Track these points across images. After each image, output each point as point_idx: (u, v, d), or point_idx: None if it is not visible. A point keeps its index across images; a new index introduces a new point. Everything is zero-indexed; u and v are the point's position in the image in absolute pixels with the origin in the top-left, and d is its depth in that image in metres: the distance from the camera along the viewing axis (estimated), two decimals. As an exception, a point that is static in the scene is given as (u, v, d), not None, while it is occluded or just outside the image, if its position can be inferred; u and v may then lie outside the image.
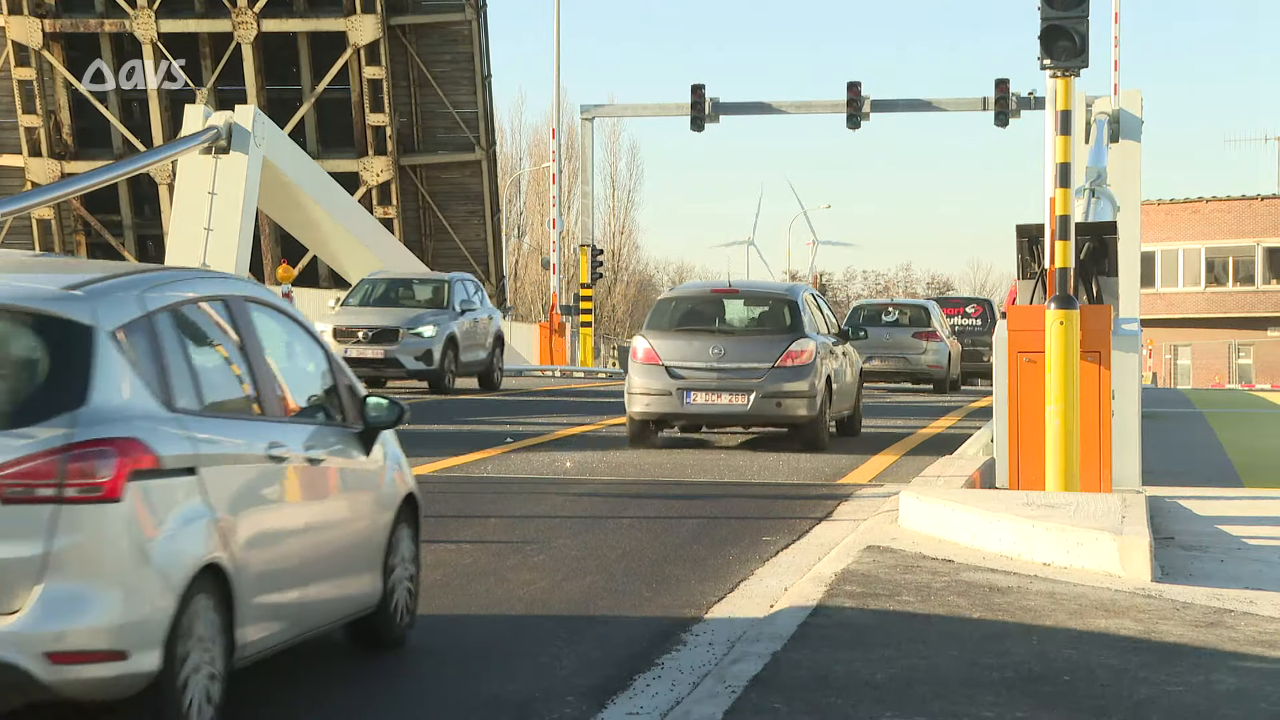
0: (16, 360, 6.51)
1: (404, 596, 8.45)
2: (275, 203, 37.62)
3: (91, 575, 6.16)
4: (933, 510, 11.79)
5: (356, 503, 8.08)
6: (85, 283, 6.76)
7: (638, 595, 9.88)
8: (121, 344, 6.56)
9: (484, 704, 7.32)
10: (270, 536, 7.14)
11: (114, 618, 6.16)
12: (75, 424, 6.25)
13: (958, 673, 7.51)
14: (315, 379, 8.10)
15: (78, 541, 6.14)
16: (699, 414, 19.06)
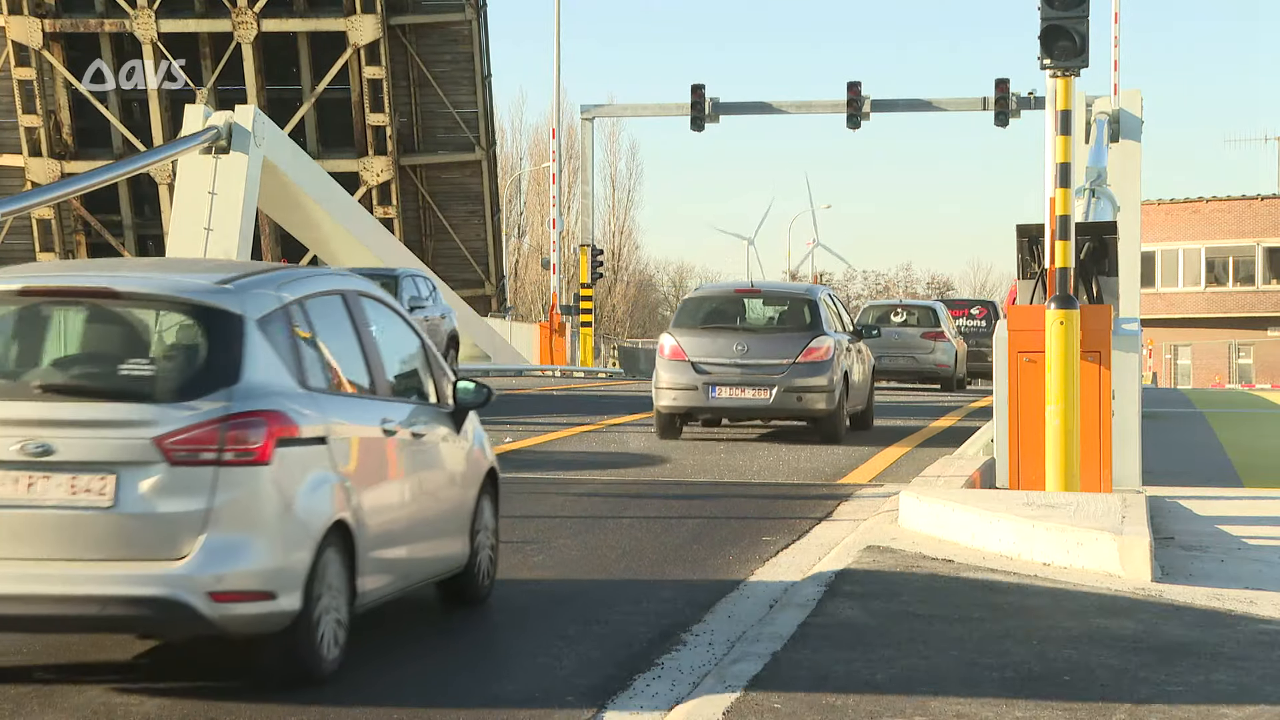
0: (180, 344, 7.74)
1: (486, 559, 9.57)
2: (275, 203, 37.62)
3: (246, 527, 7.32)
4: (933, 510, 11.79)
5: (450, 473, 9.16)
6: (233, 278, 7.96)
7: (637, 594, 9.87)
8: (265, 331, 7.72)
9: (482, 703, 7.32)
10: (383, 499, 8.28)
11: (265, 563, 7.31)
12: (231, 398, 7.42)
13: (958, 673, 7.51)
14: (414, 364, 9.18)
15: (234, 498, 7.30)
16: (724, 407, 20.11)
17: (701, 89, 43.12)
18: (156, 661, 8.00)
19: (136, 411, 7.40)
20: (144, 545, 7.25)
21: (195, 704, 7.16)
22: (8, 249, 46.98)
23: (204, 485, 7.28)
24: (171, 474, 7.28)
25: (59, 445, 7.31)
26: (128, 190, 46.93)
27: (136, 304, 7.81)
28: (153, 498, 7.27)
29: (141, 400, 7.43)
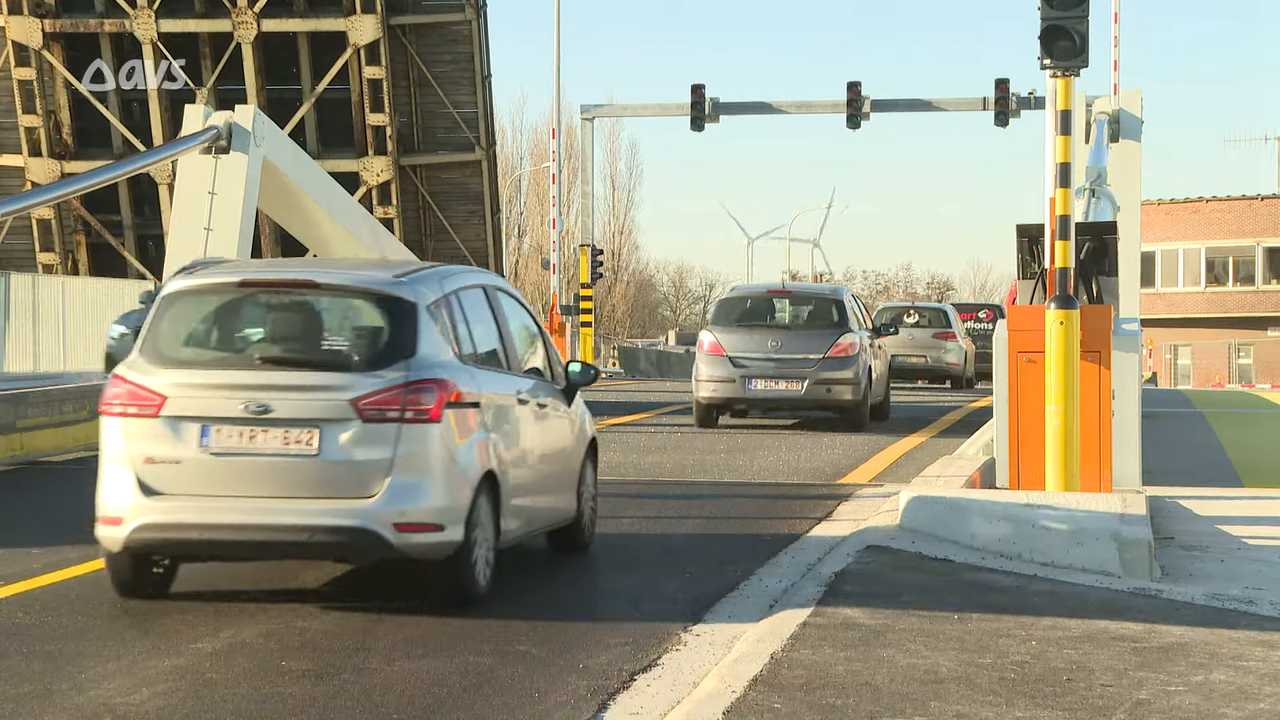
0: (368, 325, 9.62)
1: (589, 514, 11.55)
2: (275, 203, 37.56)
3: (422, 472, 9.18)
4: (933, 510, 11.79)
5: (564, 439, 11.10)
6: (406, 273, 9.90)
7: (637, 595, 9.88)
8: (432, 315, 9.61)
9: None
10: (519, 457, 10.16)
11: (436, 502, 9.19)
12: (410, 369, 9.28)
13: (958, 673, 7.51)
14: (535, 346, 11.12)
15: (413, 449, 9.15)
16: (759, 398, 22.11)
17: (701, 89, 43.06)
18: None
19: (336, 379, 9.29)
20: (342, 486, 9.15)
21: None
22: (8, 249, 46.96)
23: (389, 438, 9.17)
24: (364, 429, 9.17)
25: (275, 405, 9.21)
26: (128, 190, 46.91)
27: (333, 293, 9.77)
28: (349, 447, 9.16)
29: (339, 369, 9.36)
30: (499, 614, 9.14)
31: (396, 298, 9.67)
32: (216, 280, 9.89)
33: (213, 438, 9.23)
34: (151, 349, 9.60)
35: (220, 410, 9.25)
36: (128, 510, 9.33)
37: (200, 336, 9.82)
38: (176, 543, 9.35)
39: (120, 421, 9.44)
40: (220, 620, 8.95)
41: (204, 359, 9.65)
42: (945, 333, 36.24)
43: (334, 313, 9.84)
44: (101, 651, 8.19)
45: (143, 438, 9.33)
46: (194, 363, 9.58)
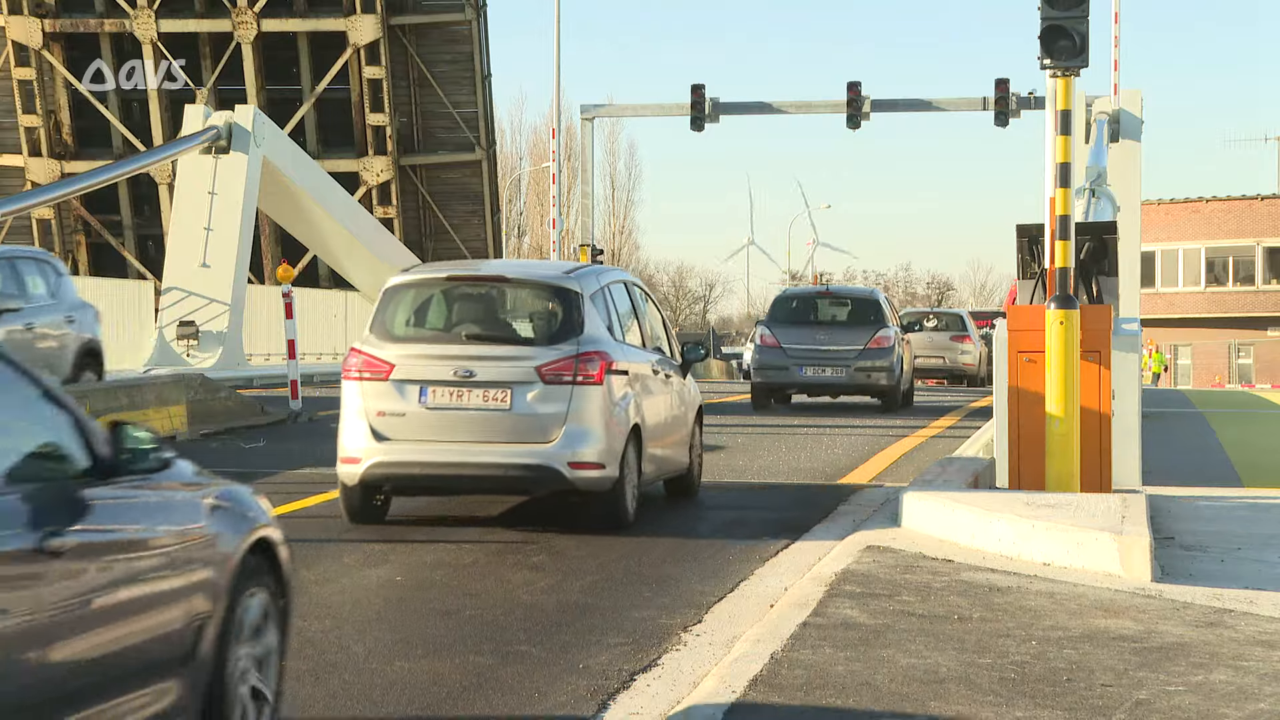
0: (547, 310, 12.53)
1: (697, 467, 14.57)
2: (275, 203, 37.62)
3: (589, 423, 11.99)
4: (933, 510, 11.79)
5: (683, 404, 14.08)
6: (572, 270, 13.01)
7: (637, 595, 9.88)
8: (593, 302, 12.54)
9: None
10: (654, 415, 13.01)
11: (600, 447, 12.01)
12: (579, 344, 12.16)
13: (958, 673, 7.51)
14: (660, 329, 14.27)
15: (582, 405, 11.96)
16: (809, 383, 26.23)
17: (701, 89, 43.05)
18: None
19: (523, 351, 12.20)
20: (528, 433, 11.94)
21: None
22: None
23: (564, 397, 11.97)
24: (545, 389, 11.99)
25: (477, 371, 11.99)
26: (128, 190, 46.91)
27: (519, 286, 12.89)
28: (533, 404, 11.97)
29: (525, 344, 12.31)
30: (500, 613, 9.15)
31: (567, 289, 12.60)
32: (429, 276, 13.04)
33: (429, 396, 11.95)
34: (380, 328, 12.41)
35: (435, 375, 12.01)
36: (363, 452, 11.91)
37: (418, 319, 12.73)
38: (401, 477, 12.04)
39: (358, 384, 12.03)
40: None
41: (422, 335, 12.51)
42: (961, 336, 39.45)
43: (520, 300, 12.94)
44: (101, 651, 8.17)
45: (375, 396, 11.95)
46: (414, 339, 12.42)
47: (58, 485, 5.32)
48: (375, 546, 11.46)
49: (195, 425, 20.17)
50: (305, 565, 10.61)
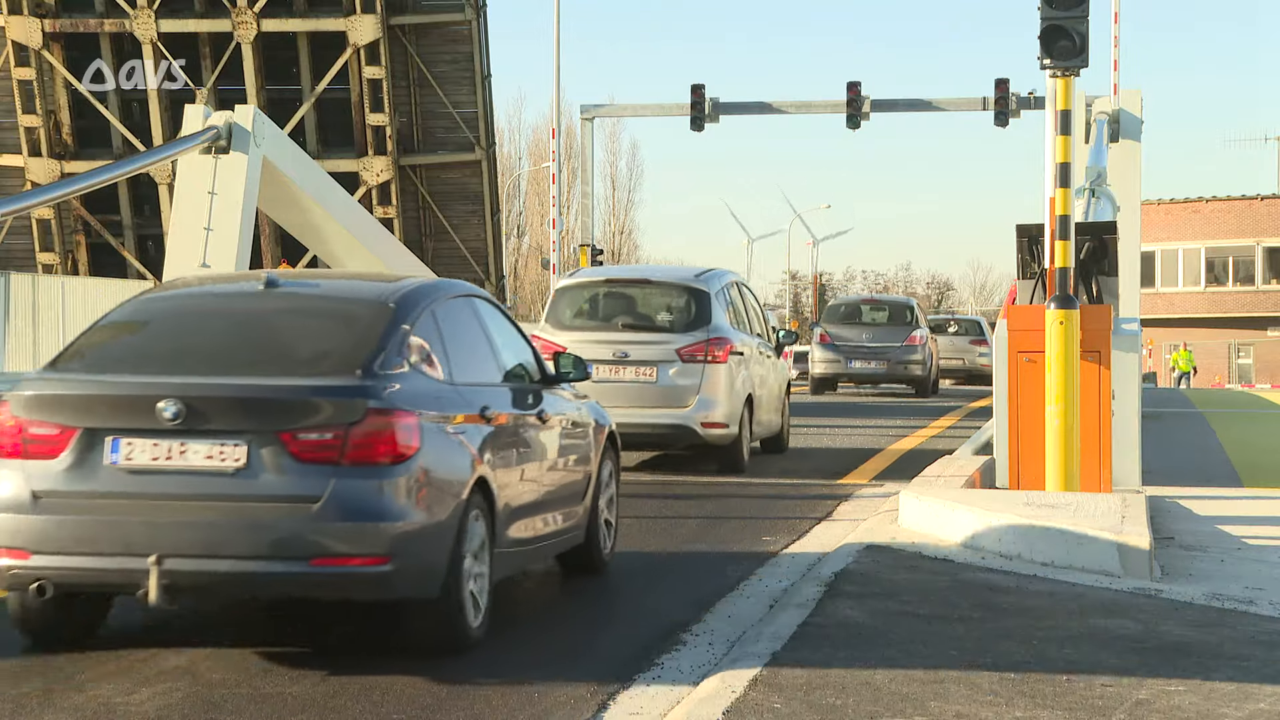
0: (683, 305, 16.43)
1: (786, 430, 19.07)
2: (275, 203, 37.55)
3: (716, 393, 16.06)
4: (933, 510, 11.79)
5: (777, 380, 18.38)
6: (700, 274, 17.06)
7: (637, 594, 9.88)
8: (717, 299, 16.45)
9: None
10: (761, 387, 17.16)
11: (725, 410, 16.11)
12: (708, 332, 16.16)
13: (957, 673, 7.51)
14: (760, 319, 18.18)
15: (711, 379, 15.97)
16: (856, 374, 33.10)
17: (701, 89, 43.04)
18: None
19: (665, 337, 16.34)
20: (670, 400, 16.15)
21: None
22: (7, 249, 46.95)
23: (697, 373, 16.13)
24: (682, 367, 16.19)
25: (630, 353, 16.26)
26: (128, 190, 46.90)
27: (661, 287, 17.05)
28: (674, 378, 16.17)
29: (667, 331, 16.42)
30: (500, 612, 9.14)
31: (699, 289, 16.79)
32: (590, 279, 17.36)
33: (595, 372, 14.59)
34: (554, 320, 16.69)
35: (598, 355, 15.67)
36: None
37: (583, 312, 16.90)
38: None
39: None
40: (220, 620, 8.95)
41: (586, 325, 16.67)
42: (979, 340, 42.40)
43: (662, 297, 16.97)
44: (101, 651, 8.18)
45: None
46: (580, 327, 16.57)
47: (529, 385, 9.58)
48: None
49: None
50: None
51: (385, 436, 7.68)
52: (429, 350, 8.40)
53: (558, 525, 9.63)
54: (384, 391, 7.82)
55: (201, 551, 7.57)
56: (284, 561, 7.61)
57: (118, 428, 7.75)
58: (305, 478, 7.61)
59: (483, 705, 7.21)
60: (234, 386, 7.82)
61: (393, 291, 8.77)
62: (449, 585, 7.96)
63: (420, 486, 7.78)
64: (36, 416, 7.84)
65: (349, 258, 40.96)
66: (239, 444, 7.63)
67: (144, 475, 7.69)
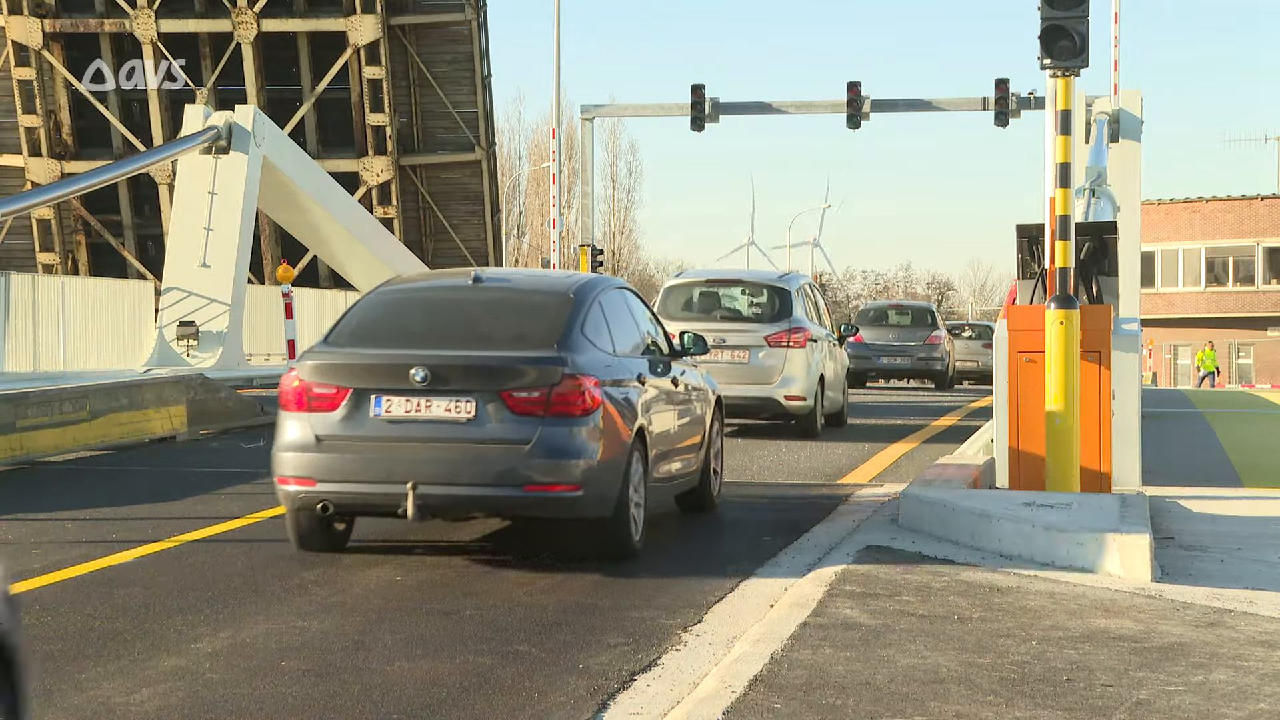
0: (770, 300, 21.06)
1: (845, 408, 23.49)
2: (275, 203, 37.60)
3: (796, 372, 20.60)
4: (932, 510, 11.79)
5: (837, 364, 22.58)
6: (783, 275, 22.03)
7: (637, 595, 9.88)
8: (800, 295, 21.28)
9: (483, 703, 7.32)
10: (828, 370, 21.68)
11: (803, 386, 20.64)
12: (790, 323, 20.65)
13: (958, 673, 7.51)
14: (827, 317, 22.48)
15: (792, 360, 20.50)
16: (884, 369, 37.66)
17: (701, 89, 43.04)
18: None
19: (756, 326, 20.49)
20: (759, 377, 20.22)
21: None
22: (8, 249, 46.95)
23: (781, 355, 20.15)
24: (769, 351, 20.23)
25: (728, 339, 20.27)
26: (128, 190, 46.90)
27: (750, 285, 21.57)
28: (762, 360, 20.22)
29: (757, 322, 20.60)
30: (500, 613, 9.15)
31: (783, 287, 21.23)
32: (693, 279, 21.77)
33: None
34: (664, 313, 20.28)
35: None
36: None
37: (688, 306, 21.22)
38: None
39: None
40: (220, 620, 8.96)
41: (690, 316, 20.74)
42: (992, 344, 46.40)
43: (752, 294, 21.42)
44: (101, 652, 8.19)
45: None
46: (686, 318, 20.52)
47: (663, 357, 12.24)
48: (375, 547, 11.47)
49: (195, 425, 20.18)
50: (305, 566, 10.63)
51: (577, 395, 10.41)
52: (599, 330, 11.19)
53: (684, 468, 12.52)
54: (574, 361, 10.50)
55: (444, 480, 10.29)
56: (504, 488, 10.32)
57: (380, 388, 10.48)
58: (519, 426, 10.34)
59: (483, 705, 7.21)
60: (466, 357, 10.53)
61: (570, 285, 11.50)
62: (620, 508, 10.74)
63: (601, 433, 10.50)
64: (318, 380, 10.54)
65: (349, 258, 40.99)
66: (470, 400, 10.36)
67: (400, 424, 10.42)
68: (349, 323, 11.24)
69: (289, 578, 10.25)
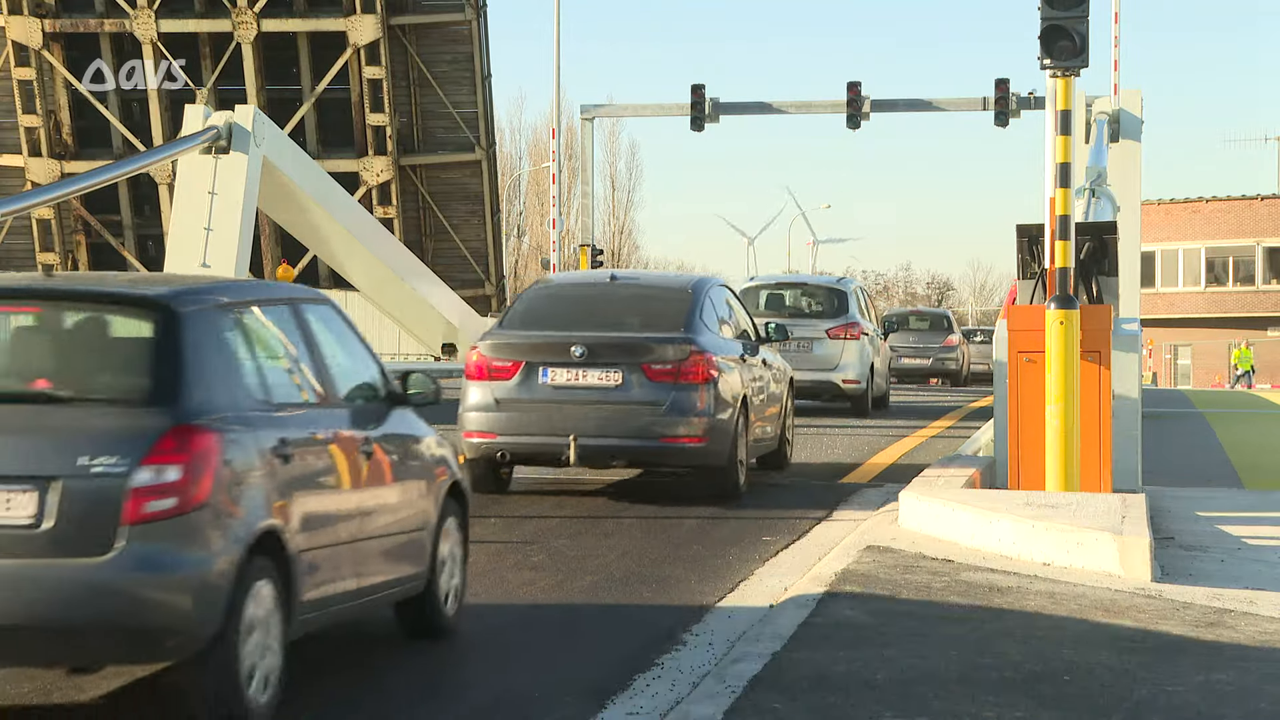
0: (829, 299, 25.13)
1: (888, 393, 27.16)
2: (275, 203, 37.54)
3: (853, 361, 23.88)
4: (933, 510, 11.79)
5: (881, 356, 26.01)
6: (839, 279, 26.70)
7: (638, 595, 9.88)
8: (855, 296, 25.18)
9: (483, 704, 7.31)
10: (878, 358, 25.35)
11: (857, 371, 23.94)
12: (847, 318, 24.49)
13: (958, 673, 7.51)
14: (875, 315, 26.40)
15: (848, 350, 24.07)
16: (905, 368, 40.21)
17: (701, 89, 43.00)
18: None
19: (817, 321, 24.21)
20: (821, 364, 23.50)
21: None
22: (7, 249, 46.95)
23: (839, 346, 23.72)
24: (829, 342, 23.76)
25: (794, 331, 20.91)
26: (128, 190, 46.88)
27: (814, 286, 25.66)
28: (823, 350, 23.73)
29: (818, 317, 24.42)
30: (500, 612, 9.14)
31: (839, 289, 24.81)
32: (762, 283, 25.35)
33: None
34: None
35: None
36: None
37: (762, 303, 24.38)
38: None
39: None
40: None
41: (762, 313, 22.83)
42: None
43: (814, 294, 25.00)
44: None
45: None
46: (762, 314, 22.41)
47: (752, 341, 15.16)
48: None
49: (195, 425, 20.15)
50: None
51: (700, 367, 13.52)
52: (711, 318, 14.26)
53: (770, 433, 15.48)
54: (698, 340, 13.65)
55: (598, 433, 13.42)
56: (645, 440, 13.51)
57: (546, 361, 13.60)
58: (656, 391, 13.48)
59: (484, 705, 7.21)
60: (615, 338, 13.67)
61: (687, 283, 14.90)
62: (731, 458, 13.82)
63: (718, 397, 13.61)
64: (497, 356, 13.66)
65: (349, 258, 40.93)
66: (617, 371, 13.51)
67: (562, 389, 13.54)
68: (516, 311, 14.39)
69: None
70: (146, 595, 6.32)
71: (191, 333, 6.84)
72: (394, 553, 7.96)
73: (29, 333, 7.16)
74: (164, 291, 7.04)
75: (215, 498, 6.52)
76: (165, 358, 6.74)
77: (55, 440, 6.45)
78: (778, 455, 16.10)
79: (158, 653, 6.48)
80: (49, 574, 6.31)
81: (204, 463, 6.49)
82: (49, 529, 6.33)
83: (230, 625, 6.50)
